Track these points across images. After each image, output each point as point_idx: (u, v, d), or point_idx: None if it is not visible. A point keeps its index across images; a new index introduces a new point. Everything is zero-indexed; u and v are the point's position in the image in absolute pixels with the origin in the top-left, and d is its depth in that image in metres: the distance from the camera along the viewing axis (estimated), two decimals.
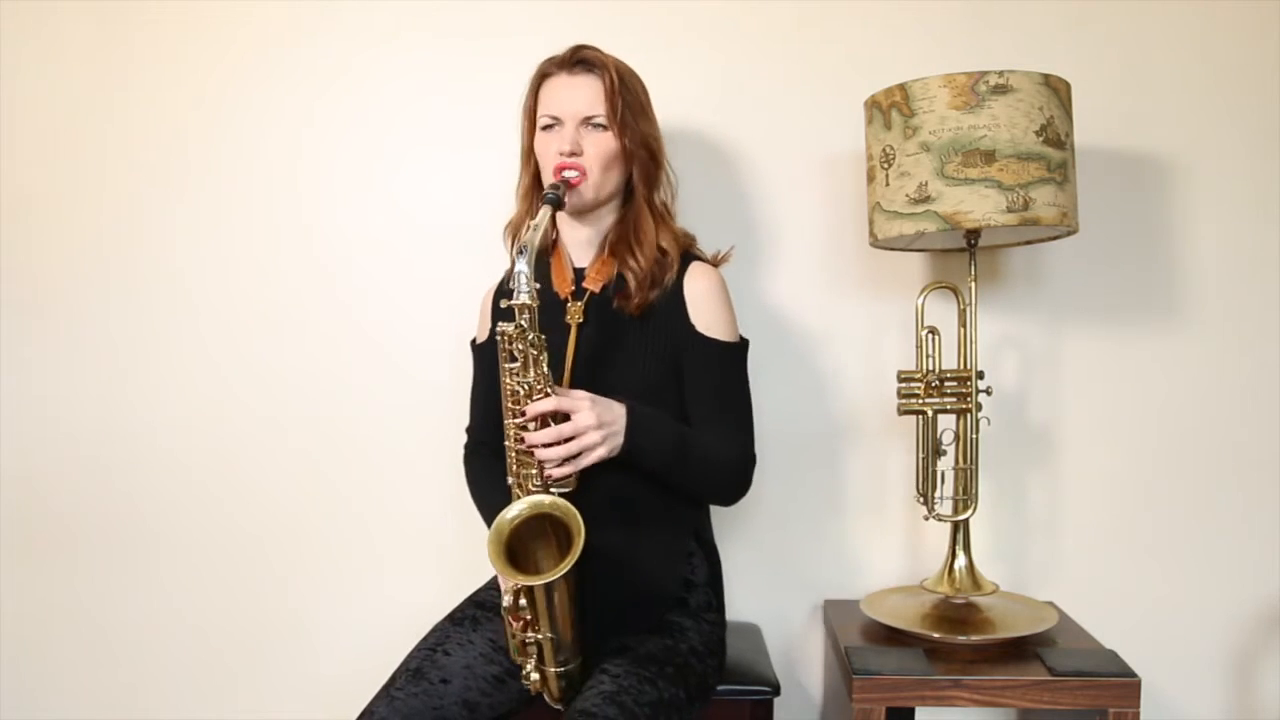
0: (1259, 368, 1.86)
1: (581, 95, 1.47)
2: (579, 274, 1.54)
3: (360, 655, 1.94)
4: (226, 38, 1.93)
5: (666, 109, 1.86)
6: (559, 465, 1.35)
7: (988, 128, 1.49)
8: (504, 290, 1.62)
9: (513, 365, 1.35)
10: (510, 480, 1.40)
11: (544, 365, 1.34)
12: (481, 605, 1.55)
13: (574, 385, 1.38)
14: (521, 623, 1.35)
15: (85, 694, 2.02)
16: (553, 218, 1.46)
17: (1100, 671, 1.48)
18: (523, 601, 1.33)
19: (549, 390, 1.35)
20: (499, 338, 1.35)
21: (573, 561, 1.26)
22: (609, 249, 1.53)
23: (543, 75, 1.51)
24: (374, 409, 1.95)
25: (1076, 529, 1.89)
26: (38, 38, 1.95)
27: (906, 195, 1.55)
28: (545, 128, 1.49)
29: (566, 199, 1.44)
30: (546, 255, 1.57)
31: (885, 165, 1.58)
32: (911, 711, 1.78)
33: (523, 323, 1.32)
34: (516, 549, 1.33)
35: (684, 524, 1.52)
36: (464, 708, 1.39)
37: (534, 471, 1.36)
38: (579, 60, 1.48)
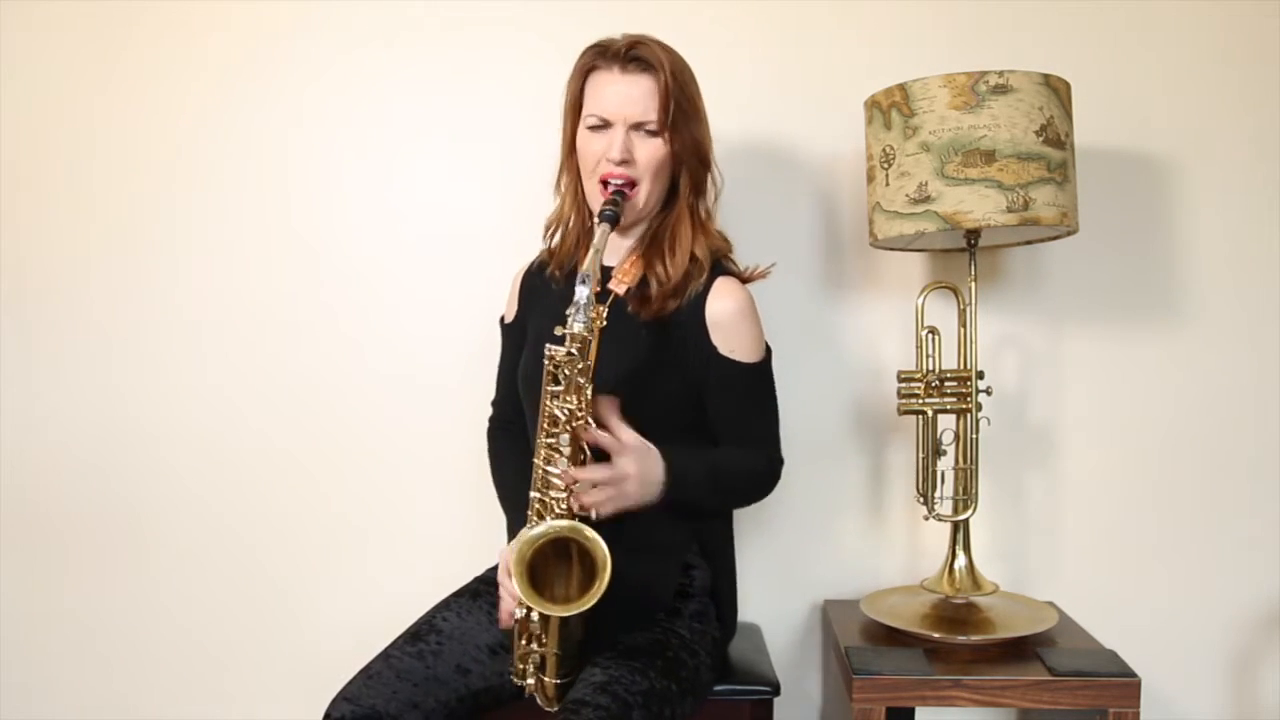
0: (1259, 367, 1.86)
1: (634, 97, 1.39)
2: (606, 273, 1.47)
3: (353, 655, 1.93)
4: (222, 38, 1.93)
5: None
6: (588, 499, 1.30)
7: (988, 128, 1.49)
8: (531, 274, 1.60)
9: (555, 388, 1.31)
10: (533, 494, 1.36)
11: (588, 393, 1.30)
12: (485, 581, 1.57)
13: (595, 390, 1.34)
14: (528, 636, 1.35)
15: (78, 694, 2.01)
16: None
17: (1100, 671, 1.47)
18: (534, 616, 1.32)
19: (591, 420, 1.30)
20: (545, 360, 1.30)
21: (597, 597, 1.24)
22: (641, 252, 1.48)
23: (591, 67, 1.43)
24: (367, 408, 1.95)
25: (1076, 529, 1.89)
26: (31, 38, 1.95)
27: (906, 195, 1.55)
28: (592, 127, 1.42)
29: (622, 216, 1.40)
30: (576, 251, 1.52)
31: (885, 165, 1.58)
32: (911, 711, 1.78)
33: (574, 351, 1.27)
34: (537, 565, 1.31)
35: (678, 539, 1.50)
36: (457, 672, 1.41)
37: (562, 495, 1.32)
38: (633, 58, 1.40)
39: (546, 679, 1.37)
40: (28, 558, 2.01)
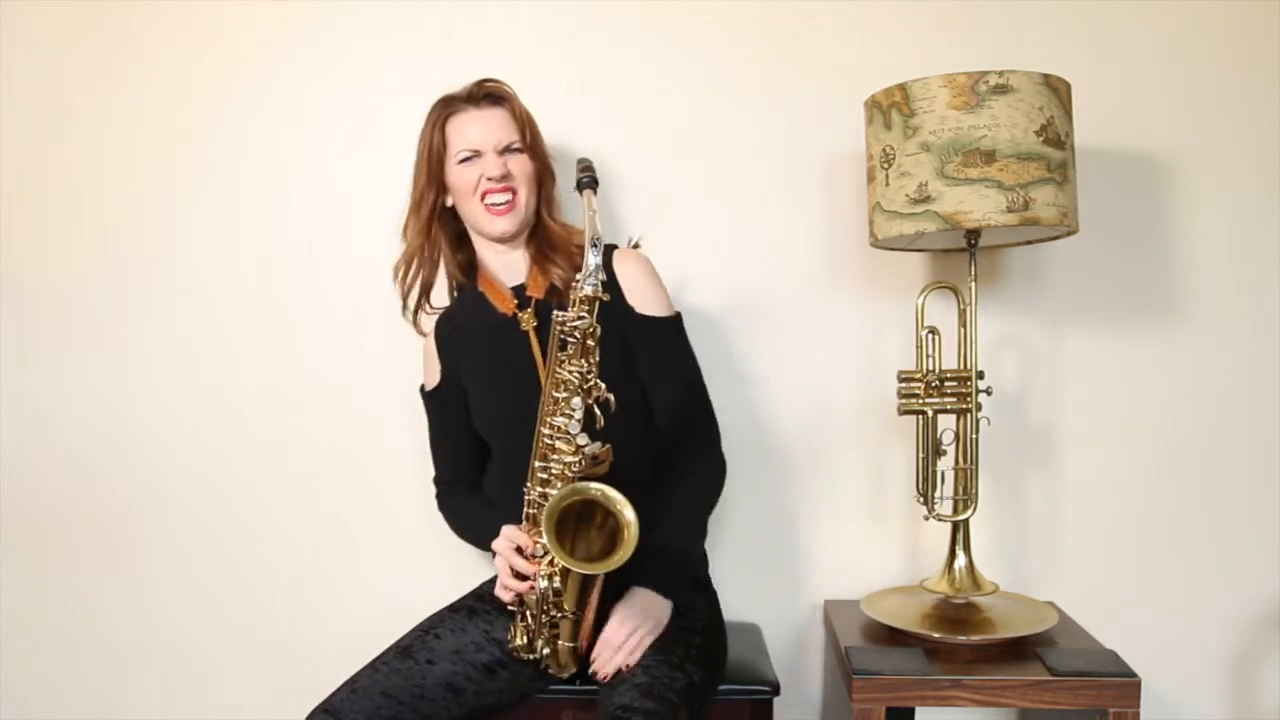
0: (1259, 367, 1.86)
1: (496, 125, 1.55)
2: (519, 290, 1.59)
3: (349, 656, 1.93)
4: (221, 38, 1.93)
5: (667, 109, 1.87)
6: (631, 660, 1.40)
7: (988, 128, 1.49)
8: (442, 331, 1.65)
9: (564, 354, 1.38)
10: (537, 463, 1.40)
11: (595, 356, 1.38)
12: (481, 598, 1.58)
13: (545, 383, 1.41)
14: (546, 605, 1.38)
15: (76, 694, 2.01)
16: (449, 249, 1.63)
17: (1100, 671, 1.47)
18: (558, 584, 1.35)
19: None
20: (555, 325, 1.38)
21: (626, 557, 1.28)
22: (536, 263, 1.59)
23: (448, 114, 1.57)
24: (364, 409, 1.95)
25: (1076, 529, 1.89)
26: (30, 38, 1.95)
27: (906, 195, 1.54)
28: (464, 160, 1.55)
29: (509, 220, 1.55)
30: (473, 287, 1.63)
31: (885, 165, 1.58)
32: (911, 711, 1.78)
33: (583, 314, 1.36)
34: (562, 528, 1.34)
35: None
36: (447, 690, 1.41)
37: (570, 461, 1.36)
38: (486, 94, 1.57)
39: (561, 643, 1.40)
40: (26, 558, 2.01)
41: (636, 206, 1.87)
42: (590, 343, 1.37)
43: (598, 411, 1.37)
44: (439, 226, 1.63)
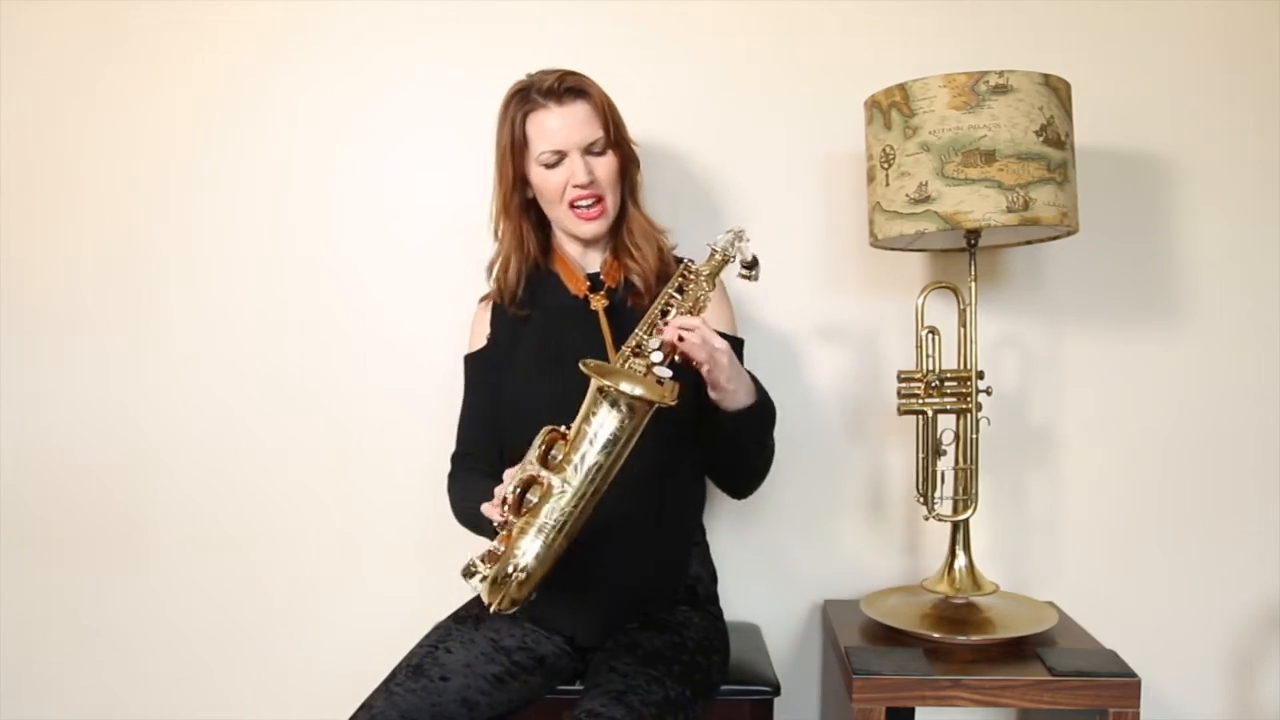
0: (1259, 367, 1.86)
1: (579, 124, 1.49)
2: (594, 278, 1.58)
3: (350, 657, 1.94)
4: (219, 39, 1.93)
5: (666, 109, 1.87)
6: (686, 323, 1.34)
7: (988, 128, 1.49)
8: (500, 305, 1.62)
9: (678, 296, 1.40)
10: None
11: (703, 304, 1.39)
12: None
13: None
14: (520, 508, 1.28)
15: (75, 695, 2.01)
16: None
17: (1100, 671, 1.47)
18: (557, 454, 1.28)
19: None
20: (685, 272, 1.39)
21: (669, 400, 1.27)
22: (613, 253, 1.58)
23: (528, 109, 1.50)
24: (363, 411, 1.95)
25: (1076, 529, 1.89)
26: (27, 39, 1.95)
27: (906, 195, 1.55)
28: (549, 164, 1.51)
29: (598, 225, 1.53)
30: (548, 265, 1.61)
31: (885, 165, 1.58)
32: (911, 711, 1.78)
33: (707, 284, 1.39)
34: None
35: (697, 509, 1.59)
36: (463, 705, 1.39)
37: (639, 368, 1.35)
38: (567, 89, 1.49)
39: (517, 561, 1.26)
40: (26, 558, 2.01)
41: None
42: (701, 296, 1.38)
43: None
44: (530, 220, 1.60)
